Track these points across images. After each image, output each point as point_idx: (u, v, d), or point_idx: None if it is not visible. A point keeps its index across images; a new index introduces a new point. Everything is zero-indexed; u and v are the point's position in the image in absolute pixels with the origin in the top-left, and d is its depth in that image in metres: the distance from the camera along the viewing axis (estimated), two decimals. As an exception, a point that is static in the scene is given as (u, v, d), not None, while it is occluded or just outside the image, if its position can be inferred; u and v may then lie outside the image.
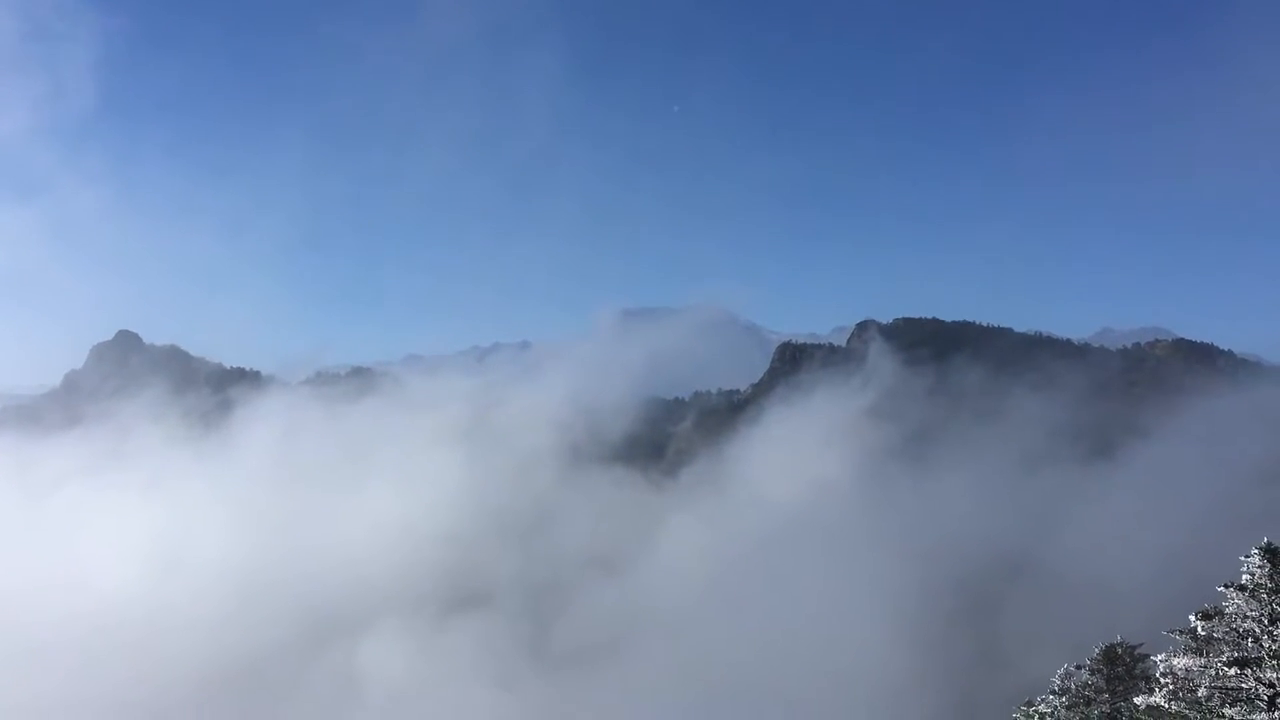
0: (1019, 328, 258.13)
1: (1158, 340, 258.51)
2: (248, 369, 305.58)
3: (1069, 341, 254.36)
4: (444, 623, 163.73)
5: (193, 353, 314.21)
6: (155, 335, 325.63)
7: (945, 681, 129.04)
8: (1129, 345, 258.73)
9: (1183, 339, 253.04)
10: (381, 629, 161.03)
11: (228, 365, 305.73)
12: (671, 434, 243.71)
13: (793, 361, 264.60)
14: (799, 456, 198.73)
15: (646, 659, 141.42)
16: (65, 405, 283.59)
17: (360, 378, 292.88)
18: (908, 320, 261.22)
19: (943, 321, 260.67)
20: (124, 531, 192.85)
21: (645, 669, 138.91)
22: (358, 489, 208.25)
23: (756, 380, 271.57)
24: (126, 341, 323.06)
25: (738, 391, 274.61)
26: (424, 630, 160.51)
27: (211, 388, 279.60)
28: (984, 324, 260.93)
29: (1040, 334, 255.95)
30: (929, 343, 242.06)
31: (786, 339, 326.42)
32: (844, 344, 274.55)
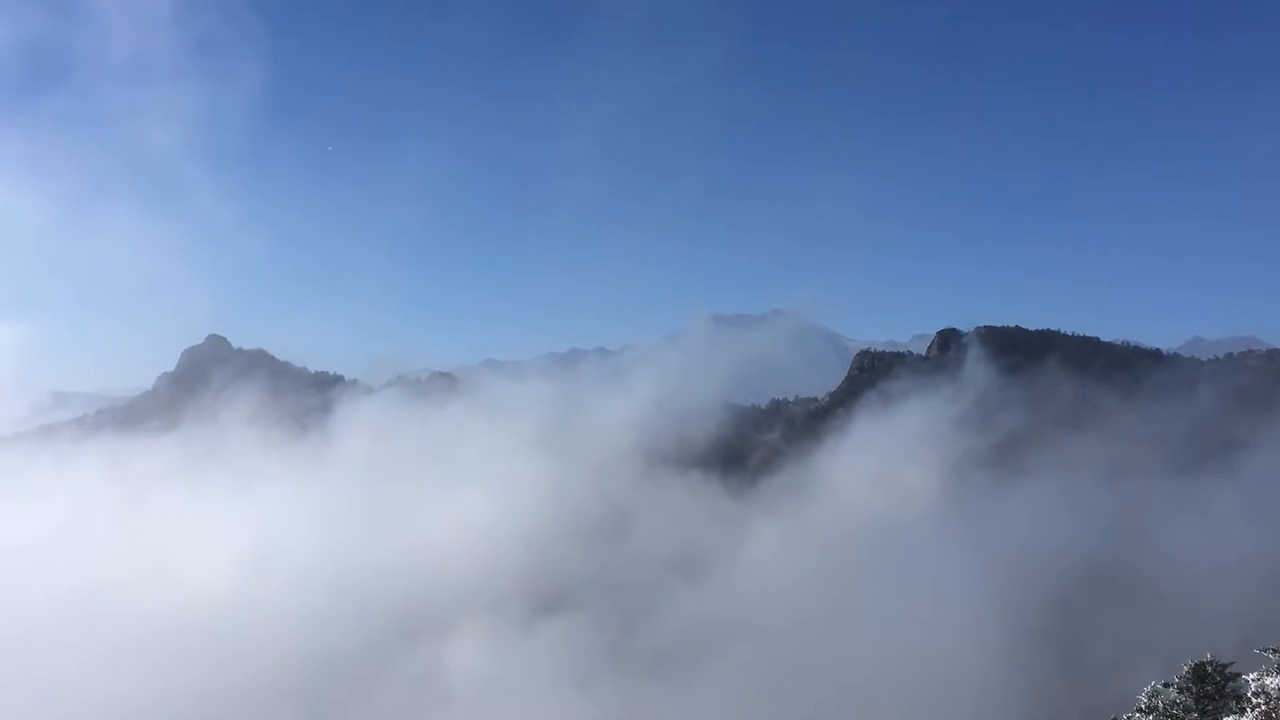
0: (1105, 337, 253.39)
1: (1250, 350, 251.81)
2: (331, 373, 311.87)
3: (1158, 351, 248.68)
4: (526, 624, 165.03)
5: (279, 356, 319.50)
6: (243, 339, 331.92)
7: (1031, 696, 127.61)
8: (1220, 355, 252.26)
9: (1277, 349, 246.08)
10: (464, 629, 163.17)
11: (312, 369, 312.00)
12: (752, 441, 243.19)
13: (871, 369, 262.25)
14: (883, 465, 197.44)
15: (728, 666, 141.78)
16: (158, 407, 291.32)
17: (442, 382, 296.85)
18: (990, 329, 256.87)
19: (1027, 330, 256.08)
20: (214, 531, 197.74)
21: (727, 676, 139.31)
22: (442, 491, 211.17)
23: (834, 388, 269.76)
24: (216, 345, 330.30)
25: (816, 399, 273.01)
26: (506, 631, 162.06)
27: (298, 391, 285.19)
28: (1069, 333, 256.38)
29: (1128, 343, 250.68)
30: (1014, 351, 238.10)
31: (865, 346, 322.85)
32: (925, 352, 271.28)
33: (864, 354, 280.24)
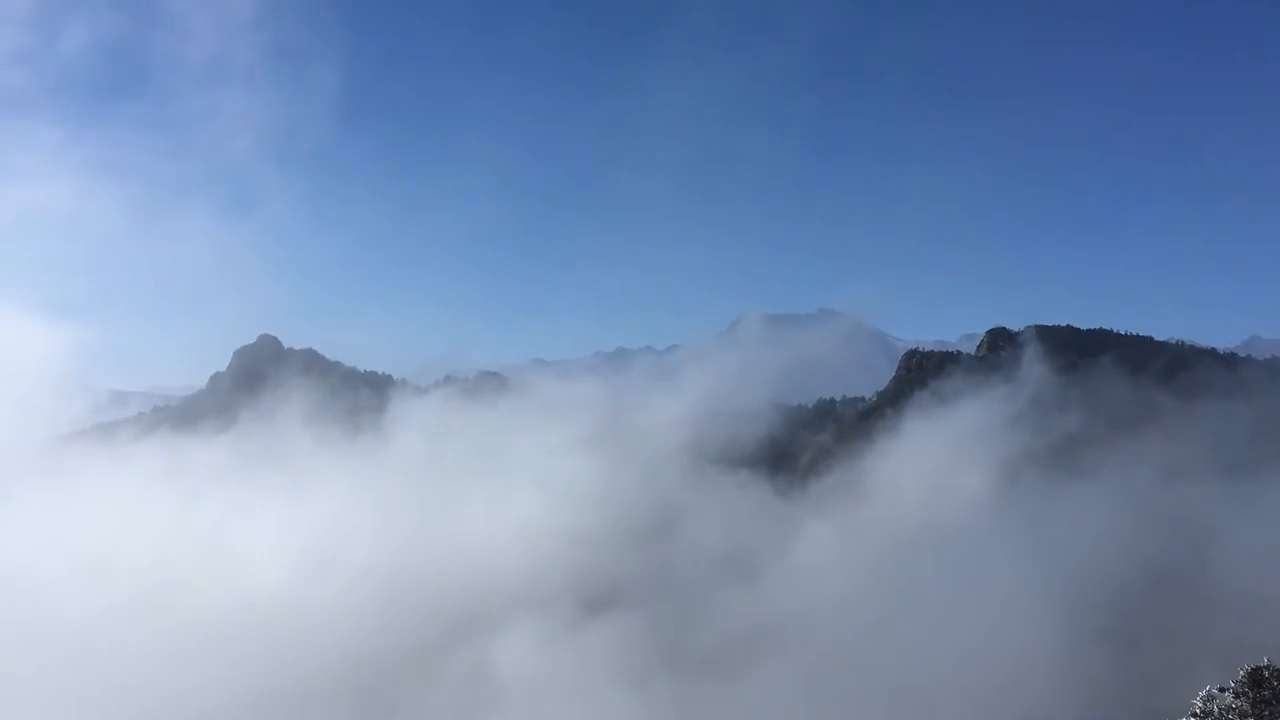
0: (1159, 336, 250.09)
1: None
2: (380, 372, 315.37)
3: (1214, 350, 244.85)
4: (576, 623, 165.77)
5: (328, 356, 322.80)
6: (293, 339, 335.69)
7: (1086, 700, 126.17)
8: (1279, 354, 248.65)
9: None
10: (515, 628, 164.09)
11: (361, 369, 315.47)
12: (801, 440, 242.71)
13: (920, 369, 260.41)
14: (935, 466, 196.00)
15: (780, 667, 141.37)
16: (212, 406, 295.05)
17: (491, 382, 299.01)
18: (1043, 328, 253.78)
19: (1079, 329, 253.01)
20: (269, 529, 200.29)
21: (779, 677, 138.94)
22: (493, 490, 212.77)
23: (882, 388, 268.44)
24: (267, 345, 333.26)
25: (863, 399, 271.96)
26: (557, 630, 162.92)
27: (349, 391, 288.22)
28: (1122, 332, 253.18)
29: (1183, 343, 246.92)
30: (1067, 351, 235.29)
31: (912, 346, 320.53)
32: (974, 351, 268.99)
33: (912, 353, 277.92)
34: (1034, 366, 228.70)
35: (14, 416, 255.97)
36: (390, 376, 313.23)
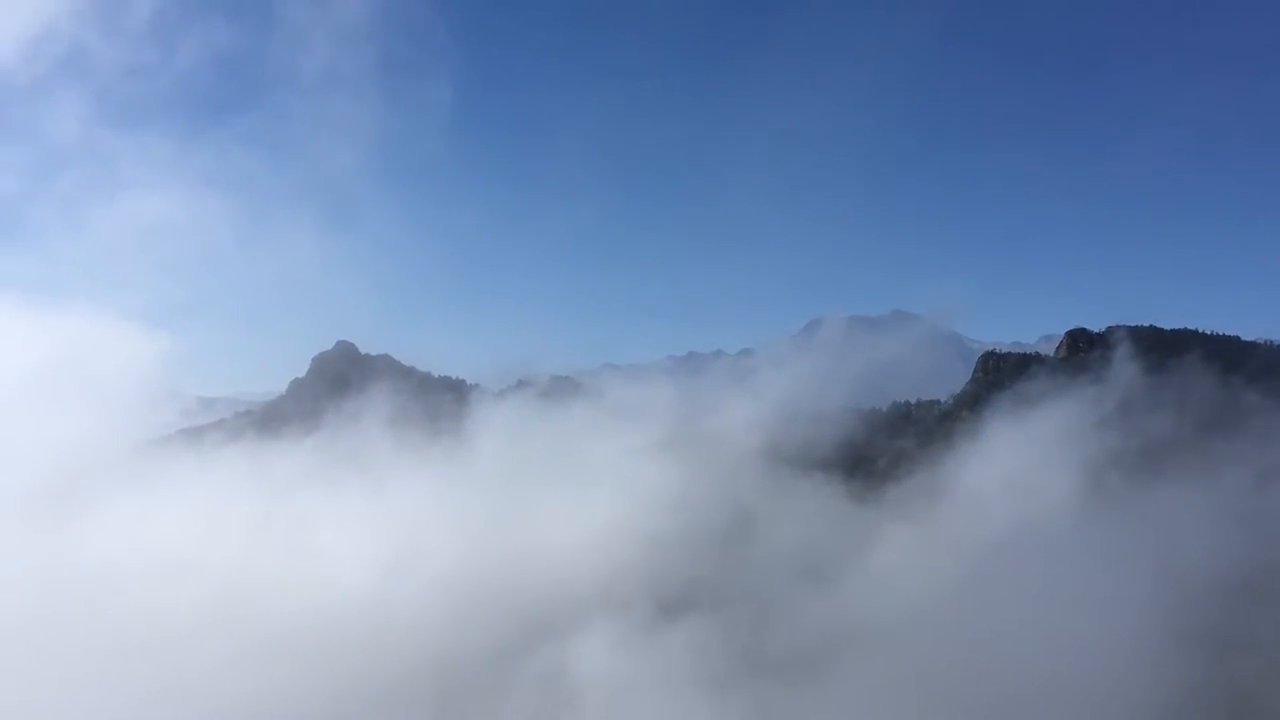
0: (1246, 335, 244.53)
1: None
2: (453, 377, 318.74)
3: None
4: (652, 626, 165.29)
5: (403, 361, 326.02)
6: (369, 345, 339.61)
7: (1174, 709, 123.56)
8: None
9: None
10: (591, 631, 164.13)
11: (436, 374, 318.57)
12: (878, 444, 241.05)
13: (997, 371, 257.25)
14: (1017, 469, 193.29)
15: (860, 671, 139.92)
16: (294, 411, 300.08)
17: (565, 386, 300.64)
18: (1125, 328, 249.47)
19: (1163, 329, 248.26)
20: (351, 533, 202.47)
21: (859, 681, 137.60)
22: (569, 494, 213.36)
23: (959, 390, 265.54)
24: (345, 351, 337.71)
25: (939, 401, 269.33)
26: (633, 633, 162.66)
27: (426, 396, 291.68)
28: (1208, 332, 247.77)
29: (1272, 342, 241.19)
30: (1152, 351, 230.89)
31: (988, 347, 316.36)
32: (1054, 352, 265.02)
33: (989, 355, 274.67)
34: (1119, 367, 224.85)
35: (107, 422, 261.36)
36: (463, 381, 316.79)
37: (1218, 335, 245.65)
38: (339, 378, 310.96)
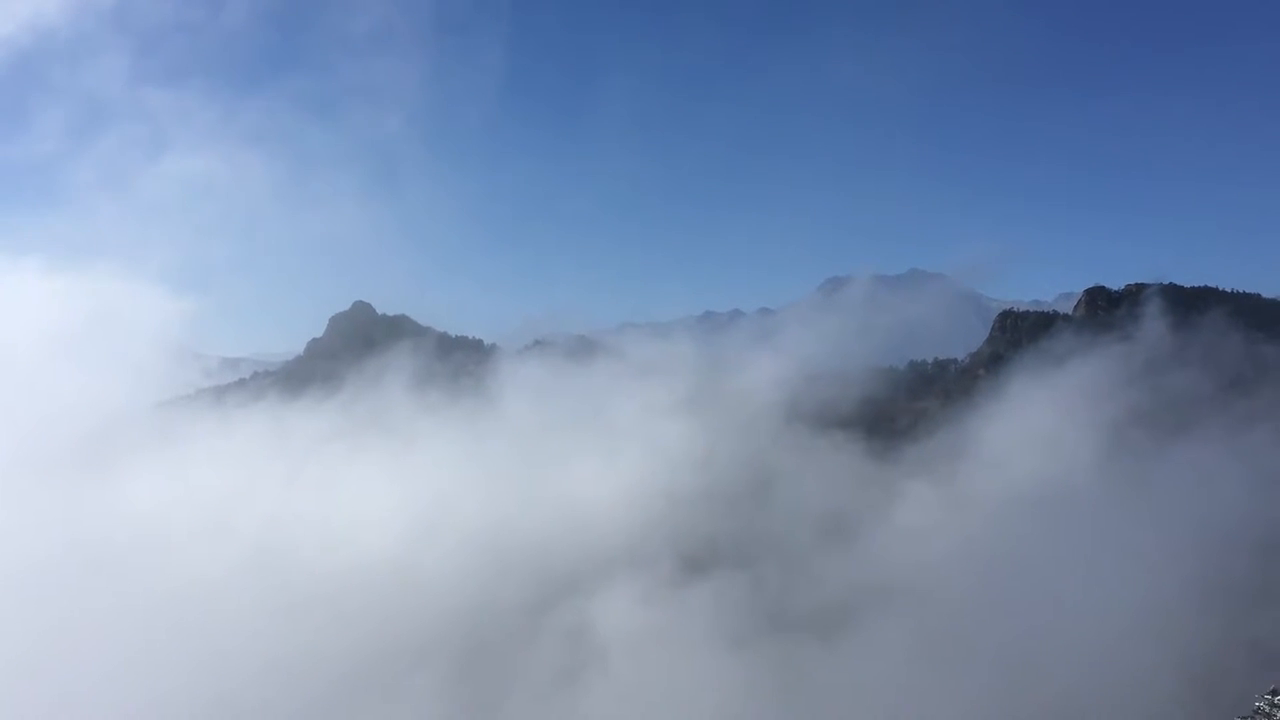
0: (1267, 293, 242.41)
1: None
2: (470, 337, 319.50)
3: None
4: (675, 583, 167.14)
5: (420, 322, 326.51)
6: (386, 305, 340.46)
7: (1199, 670, 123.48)
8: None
9: None
10: (616, 588, 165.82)
11: (452, 334, 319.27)
12: (898, 402, 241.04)
13: (1015, 329, 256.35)
14: (1037, 427, 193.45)
15: (881, 628, 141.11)
16: (311, 372, 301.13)
17: (582, 345, 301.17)
18: (1144, 286, 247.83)
19: (1181, 287, 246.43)
20: (373, 492, 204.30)
21: (881, 637, 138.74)
22: (592, 452, 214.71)
23: (976, 349, 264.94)
24: (362, 311, 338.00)
25: (956, 360, 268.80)
26: (658, 589, 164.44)
27: (444, 356, 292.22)
28: (1226, 289, 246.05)
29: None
30: (1172, 309, 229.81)
31: (1007, 306, 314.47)
32: (1072, 311, 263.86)
33: (1007, 314, 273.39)
34: (1138, 325, 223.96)
35: (132, 383, 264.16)
36: (480, 341, 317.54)
37: (1238, 293, 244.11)
38: (357, 337, 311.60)
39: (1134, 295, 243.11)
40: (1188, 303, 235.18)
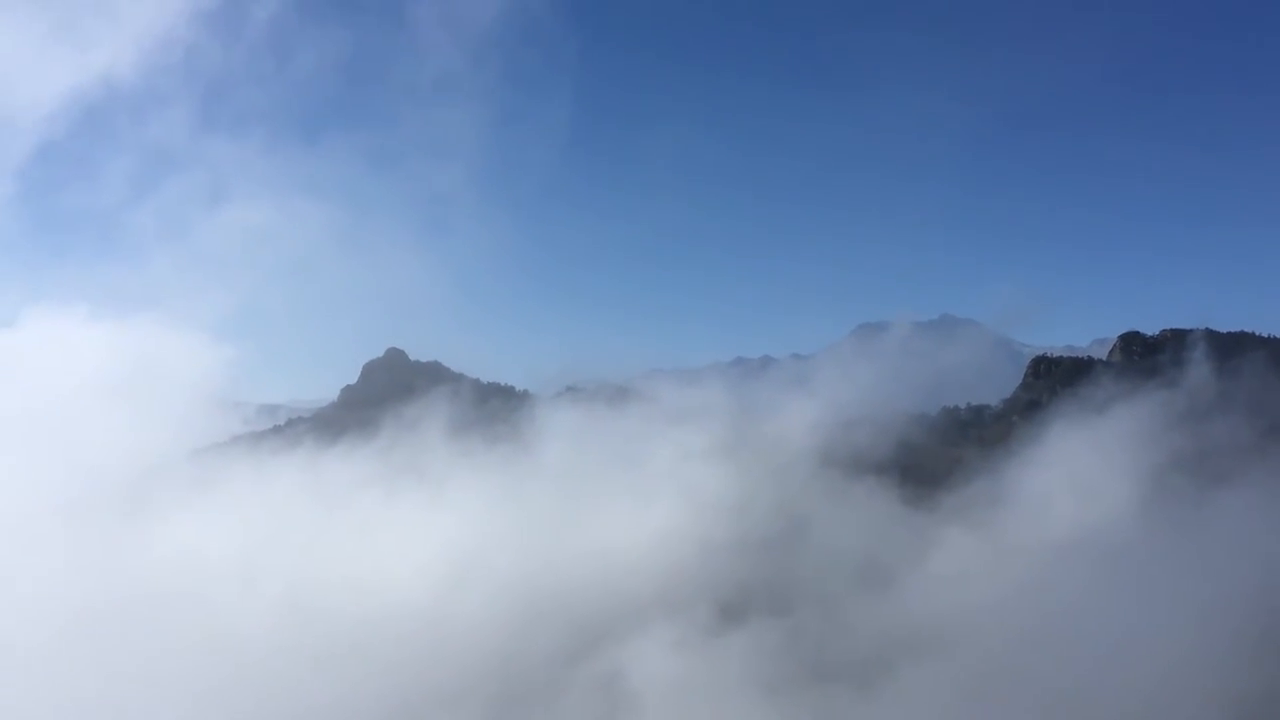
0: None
1: None
2: (502, 383, 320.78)
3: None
4: (709, 631, 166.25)
5: (453, 369, 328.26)
6: (418, 352, 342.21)
7: (1237, 711, 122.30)
8: None
9: None
10: (650, 635, 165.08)
11: (484, 381, 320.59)
12: (932, 449, 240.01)
13: (1049, 375, 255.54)
14: (1074, 474, 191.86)
15: (921, 676, 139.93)
16: (346, 418, 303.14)
17: (615, 391, 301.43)
18: (1179, 331, 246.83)
19: (1218, 332, 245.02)
20: (408, 540, 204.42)
21: (920, 686, 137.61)
22: (626, 498, 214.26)
23: (1009, 395, 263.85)
24: (395, 358, 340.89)
25: (989, 406, 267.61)
26: (692, 637, 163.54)
27: (477, 402, 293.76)
28: (1263, 335, 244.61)
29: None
30: (1209, 355, 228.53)
31: (1040, 352, 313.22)
32: (1107, 356, 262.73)
33: (1040, 359, 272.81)
34: (1179, 371, 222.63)
35: (170, 431, 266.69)
36: (512, 387, 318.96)
37: (1275, 338, 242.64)
38: (391, 384, 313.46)
39: (1172, 340, 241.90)
40: (1226, 347, 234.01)
